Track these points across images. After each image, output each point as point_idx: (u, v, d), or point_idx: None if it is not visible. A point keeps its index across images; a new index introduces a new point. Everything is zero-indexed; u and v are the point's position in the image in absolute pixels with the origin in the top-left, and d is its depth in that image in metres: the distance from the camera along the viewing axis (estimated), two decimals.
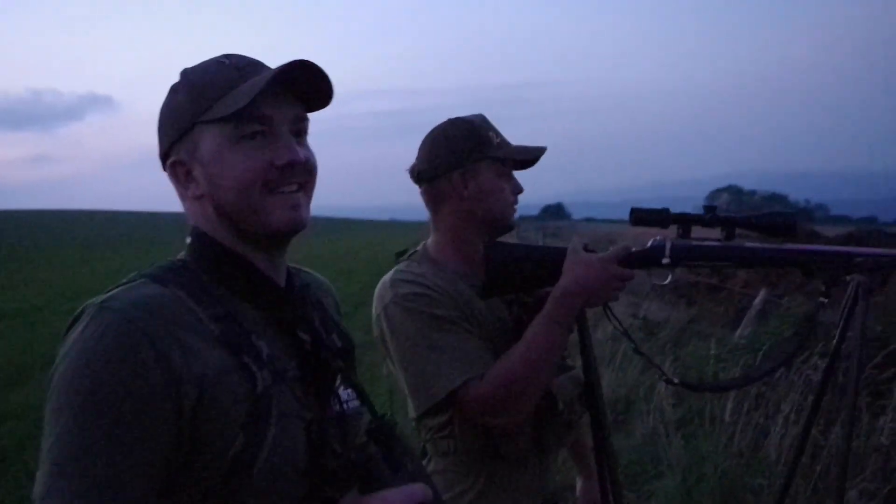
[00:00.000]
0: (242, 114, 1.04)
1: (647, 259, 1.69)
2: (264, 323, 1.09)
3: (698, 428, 4.67)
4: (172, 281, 1.04)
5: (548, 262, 1.70)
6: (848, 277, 1.77)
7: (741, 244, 1.70)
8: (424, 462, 1.87)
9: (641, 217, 1.71)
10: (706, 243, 1.70)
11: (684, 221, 1.71)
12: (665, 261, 1.68)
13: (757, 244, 1.72)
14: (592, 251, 1.70)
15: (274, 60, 1.14)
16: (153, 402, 0.93)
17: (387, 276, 1.81)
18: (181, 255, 1.14)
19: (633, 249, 1.69)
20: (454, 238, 1.82)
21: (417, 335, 1.69)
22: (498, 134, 1.83)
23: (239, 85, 1.07)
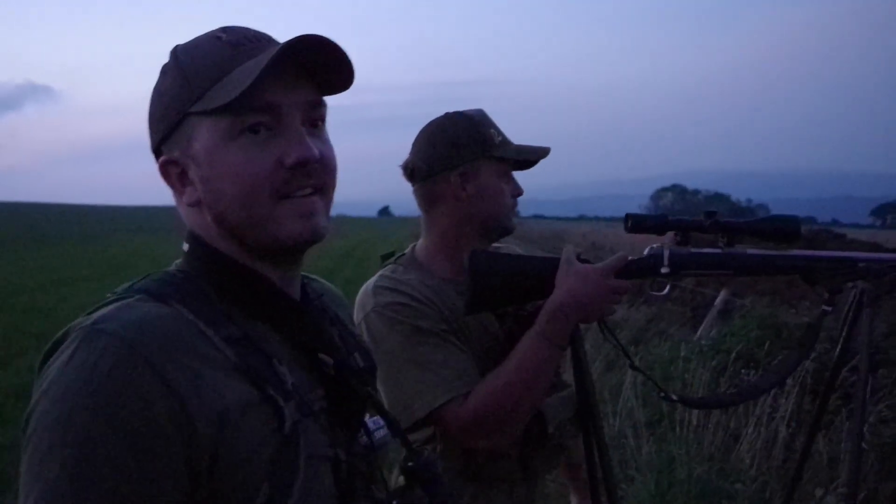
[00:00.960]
0: (241, 103, 0.84)
1: (645, 268, 1.60)
2: (284, 345, 0.92)
3: (668, 431, 4.62)
4: (175, 297, 0.86)
5: (539, 274, 1.58)
6: (851, 284, 1.72)
7: (743, 251, 1.61)
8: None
9: (638, 223, 1.61)
10: (706, 251, 1.61)
11: (683, 228, 1.63)
12: (664, 270, 1.58)
13: (757, 251, 1.63)
14: (586, 261, 1.59)
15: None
16: (162, 448, 0.76)
17: (370, 282, 1.69)
18: (176, 263, 0.96)
19: (630, 258, 1.59)
20: (447, 242, 1.70)
21: (398, 348, 1.57)
22: (499, 132, 1.70)
23: (238, 66, 0.87)
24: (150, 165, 0.96)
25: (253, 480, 0.81)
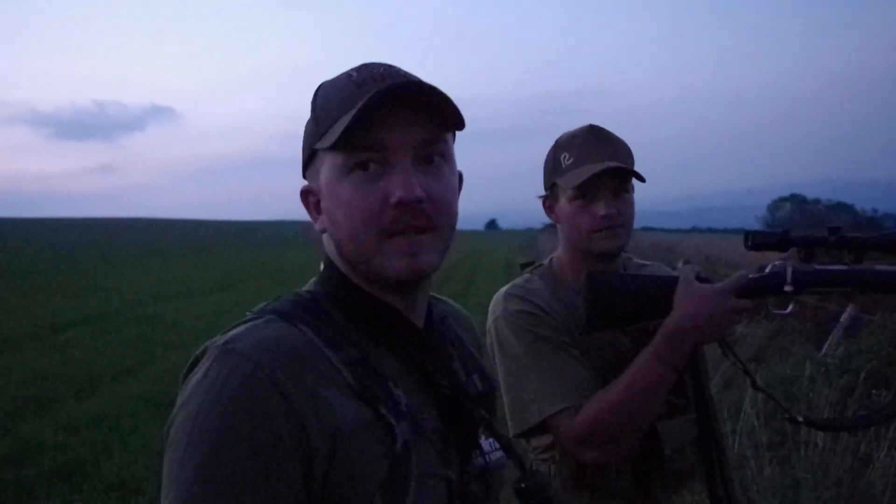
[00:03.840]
0: (347, 141, 0.89)
1: (767, 287, 1.54)
2: (401, 368, 0.96)
3: (792, 453, 4.43)
4: (302, 319, 0.92)
5: (657, 294, 1.56)
6: None
7: (870, 267, 1.53)
8: None
9: (759, 241, 1.56)
10: (832, 268, 1.53)
11: (807, 244, 1.56)
12: (787, 288, 1.52)
13: (887, 267, 1.54)
14: (706, 280, 1.57)
15: (320, 75, 0.97)
16: (282, 460, 0.81)
17: (503, 289, 1.74)
18: (308, 285, 1.02)
19: (751, 276, 1.54)
20: (573, 255, 1.73)
21: (521, 354, 1.62)
22: (577, 154, 1.66)
23: (356, 104, 0.90)
24: (263, 182, 1.02)
25: (365, 495, 0.85)
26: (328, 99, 0.95)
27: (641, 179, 1.66)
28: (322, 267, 1.02)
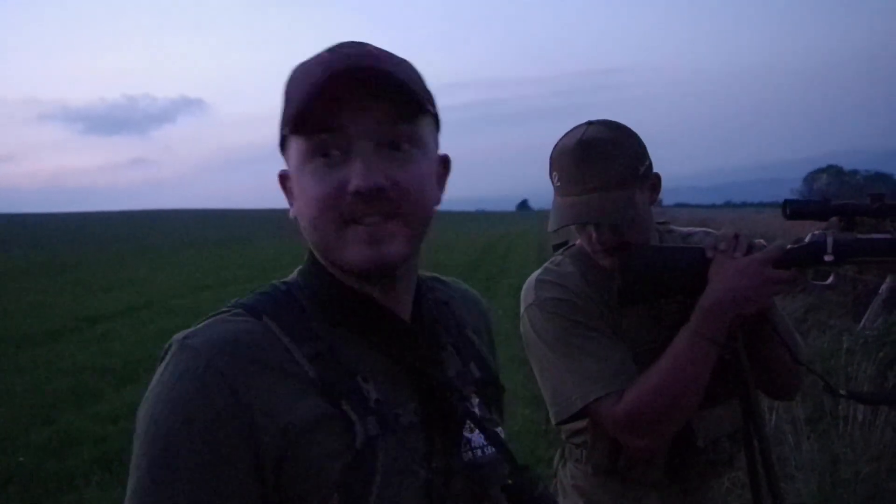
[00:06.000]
0: (304, 123, 0.86)
1: (807, 257, 1.48)
2: (377, 360, 0.93)
3: (830, 428, 4.36)
4: (269, 311, 0.91)
5: (692, 266, 1.51)
6: None
7: None
8: (561, 466, 1.77)
9: (798, 210, 1.52)
10: (875, 237, 1.48)
11: (847, 213, 1.52)
12: (828, 258, 1.46)
13: None
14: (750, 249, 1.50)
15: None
16: (231, 457, 0.82)
17: (534, 275, 1.70)
18: (292, 275, 1.00)
19: (790, 247, 1.48)
20: None
21: (558, 342, 1.58)
22: (562, 177, 1.58)
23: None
24: None
25: (322, 491, 0.84)
26: (294, 79, 0.91)
27: (618, 224, 1.54)
28: (307, 256, 0.99)
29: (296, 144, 0.90)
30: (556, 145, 1.62)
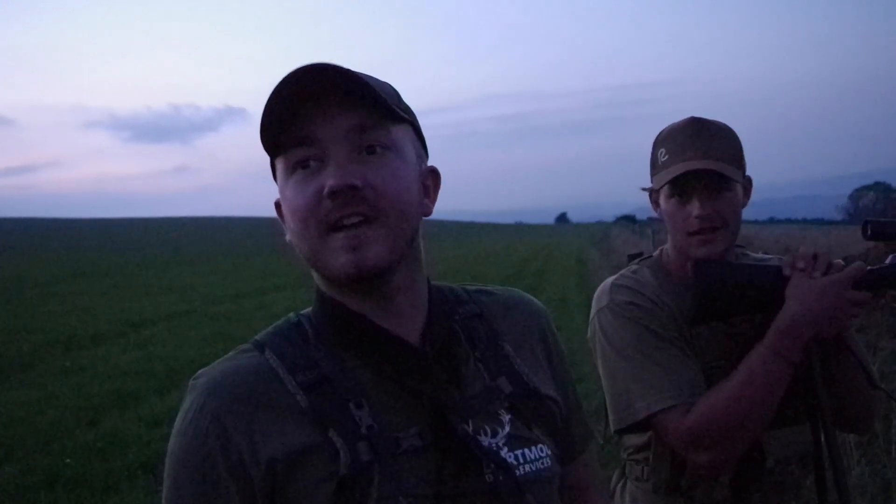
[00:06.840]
0: (275, 139, 0.90)
1: (889, 278, 1.45)
2: (375, 382, 0.92)
3: (882, 453, 4.25)
4: (272, 344, 0.95)
5: (769, 285, 1.47)
6: None
7: None
8: (620, 486, 1.72)
9: (879, 230, 1.47)
10: None
11: None
12: None
13: None
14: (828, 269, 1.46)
15: (389, 73, 0.96)
16: (223, 492, 0.87)
17: (609, 279, 1.67)
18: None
19: (870, 268, 1.44)
20: (678, 251, 1.65)
21: (627, 347, 1.54)
22: (672, 150, 1.56)
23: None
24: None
25: None
26: (270, 100, 0.89)
27: (735, 180, 1.53)
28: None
29: (279, 165, 0.93)
30: (661, 132, 1.61)
